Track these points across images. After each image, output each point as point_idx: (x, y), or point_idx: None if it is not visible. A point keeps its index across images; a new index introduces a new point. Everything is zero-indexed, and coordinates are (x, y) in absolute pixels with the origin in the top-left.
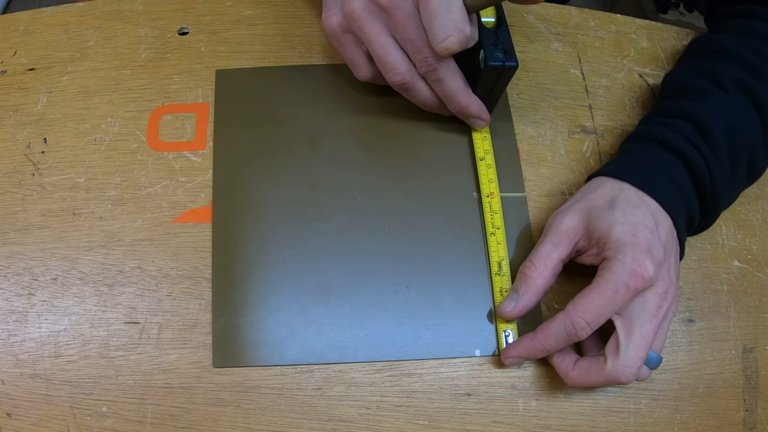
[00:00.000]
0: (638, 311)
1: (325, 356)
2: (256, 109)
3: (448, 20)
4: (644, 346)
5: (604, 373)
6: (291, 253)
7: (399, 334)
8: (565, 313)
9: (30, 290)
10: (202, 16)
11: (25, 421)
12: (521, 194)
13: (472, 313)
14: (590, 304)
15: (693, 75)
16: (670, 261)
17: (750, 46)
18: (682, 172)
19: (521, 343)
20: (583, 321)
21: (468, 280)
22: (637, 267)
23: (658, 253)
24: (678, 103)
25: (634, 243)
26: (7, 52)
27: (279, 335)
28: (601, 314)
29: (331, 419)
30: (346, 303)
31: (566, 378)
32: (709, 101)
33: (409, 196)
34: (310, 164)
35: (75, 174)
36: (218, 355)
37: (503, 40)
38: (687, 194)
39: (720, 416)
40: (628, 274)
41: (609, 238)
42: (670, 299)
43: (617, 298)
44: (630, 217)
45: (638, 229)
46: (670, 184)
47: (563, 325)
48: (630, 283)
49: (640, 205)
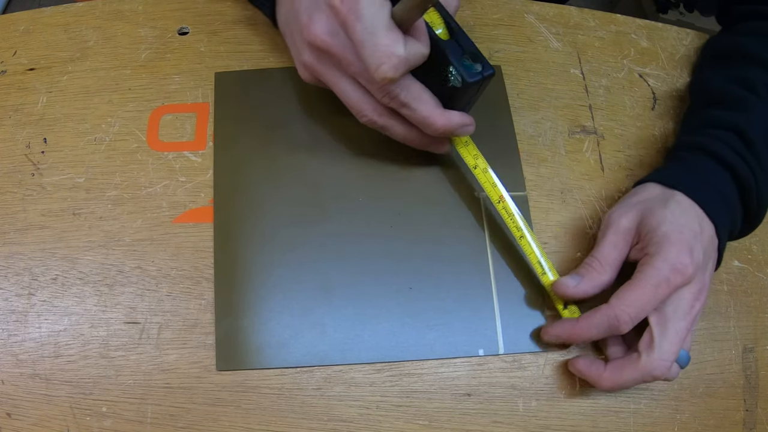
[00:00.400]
0: (673, 308)
1: (328, 358)
2: (256, 111)
3: (375, 47)
4: (678, 342)
5: (640, 368)
6: (293, 255)
7: (402, 335)
8: (609, 306)
9: (30, 290)
10: (202, 16)
11: (25, 421)
12: (522, 193)
13: (474, 312)
14: (633, 299)
15: (725, 82)
16: (707, 266)
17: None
18: (729, 184)
19: (563, 324)
20: (627, 315)
21: (470, 280)
22: (678, 263)
23: (698, 255)
24: (718, 113)
25: (678, 240)
26: (7, 52)
27: (282, 337)
28: (643, 309)
29: (331, 419)
30: (349, 304)
31: (599, 381)
32: (748, 110)
33: (410, 196)
34: (310, 166)
35: (75, 174)
36: (221, 358)
37: (467, 47)
38: (732, 205)
39: (720, 416)
40: (669, 270)
41: (656, 233)
42: (702, 300)
43: (659, 293)
44: (679, 218)
45: (684, 229)
46: (717, 195)
47: (606, 317)
48: (671, 279)
49: (689, 210)
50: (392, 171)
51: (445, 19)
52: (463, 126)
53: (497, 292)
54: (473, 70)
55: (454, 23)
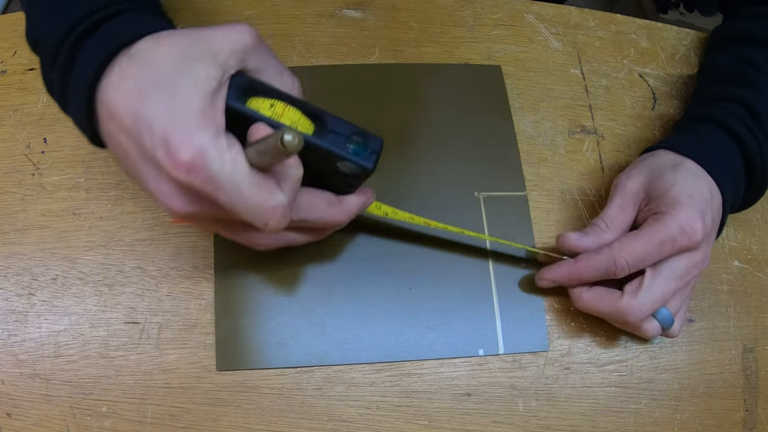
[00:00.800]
0: (671, 267)
1: (328, 358)
2: None
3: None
4: (662, 299)
5: (617, 305)
6: (292, 255)
7: (402, 335)
8: (610, 249)
9: (30, 290)
10: (202, 16)
11: (25, 421)
12: (522, 193)
13: (474, 313)
14: (635, 249)
15: (728, 61)
16: (713, 235)
17: None
18: (736, 154)
19: (560, 267)
20: (625, 262)
21: (470, 280)
22: (687, 226)
23: (708, 222)
24: (727, 89)
25: (690, 204)
26: (7, 52)
27: (282, 337)
28: (643, 260)
29: (331, 419)
30: (348, 304)
31: (578, 299)
32: (755, 87)
33: (409, 196)
34: None
35: (75, 174)
36: (221, 358)
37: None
38: (738, 176)
39: (720, 416)
40: (678, 230)
41: (667, 195)
42: (702, 268)
43: (662, 250)
44: (690, 183)
45: (695, 194)
46: (727, 165)
47: (605, 261)
48: (677, 239)
49: (700, 176)
50: (391, 170)
51: (302, 110)
52: (365, 204)
53: (497, 292)
54: (365, 153)
55: (313, 108)
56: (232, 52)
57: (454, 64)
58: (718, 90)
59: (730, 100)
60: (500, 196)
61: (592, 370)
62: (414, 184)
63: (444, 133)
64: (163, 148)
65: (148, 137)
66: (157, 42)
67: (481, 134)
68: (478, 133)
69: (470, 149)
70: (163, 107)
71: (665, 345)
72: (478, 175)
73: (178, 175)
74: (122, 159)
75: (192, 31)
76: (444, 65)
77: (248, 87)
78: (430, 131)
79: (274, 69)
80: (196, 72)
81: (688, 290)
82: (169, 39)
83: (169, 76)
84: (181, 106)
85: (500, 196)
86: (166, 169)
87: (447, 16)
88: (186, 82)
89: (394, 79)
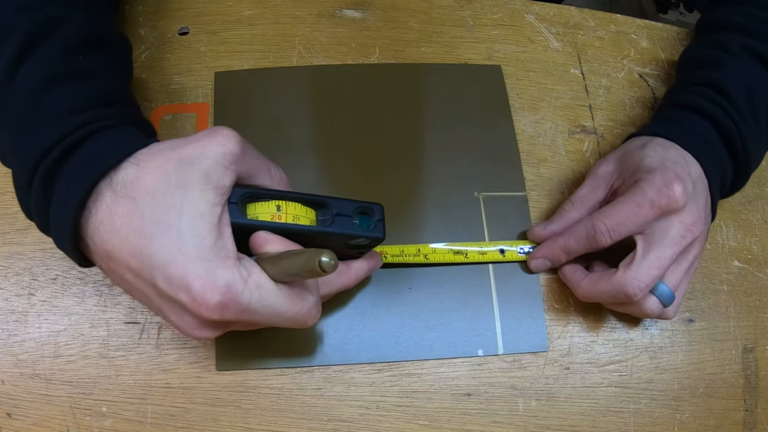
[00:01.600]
0: (661, 234)
1: (328, 358)
2: (256, 110)
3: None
4: (658, 266)
5: (613, 281)
6: None
7: (402, 335)
8: (589, 217)
9: (30, 290)
10: (202, 16)
11: (25, 421)
12: (521, 193)
13: (474, 312)
14: (613, 212)
15: (702, 47)
16: (700, 201)
17: (749, 14)
18: (710, 130)
19: (546, 245)
20: (603, 226)
21: (470, 280)
22: (664, 186)
23: (688, 184)
24: (695, 72)
25: (663, 168)
26: None
27: (281, 338)
28: (622, 223)
29: (331, 419)
30: (348, 304)
31: (577, 287)
32: (722, 66)
33: (409, 196)
34: (310, 165)
35: None
36: (221, 359)
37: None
38: (718, 153)
39: (720, 416)
40: (654, 192)
41: (639, 167)
42: (695, 233)
43: (641, 212)
44: (661, 153)
45: (668, 161)
46: (697, 137)
47: (584, 227)
48: (655, 200)
49: (670, 148)
50: (390, 170)
51: (301, 201)
52: (372, 269)
53: (497, 292)
54: (371, 224)
55: (311, 196)
56: (224, 168)
57: (454, 64)
58: (688, 75)
59: (698, 83)
60: (500, 197)
61: (592, 370)
62: (414, 184)
63: (444, 133)
64: (187, 294)
65: (165, 282)
66: (141, 171)
67: (481, 134)
68: (478, 133)
69: (470, 149)
70: (173, 249)
71: (665, 345)
72: (477, 175)
73: (209, 316)
74: (130, 292)
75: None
76: (444, 65)
77: (245, 195)
78: (429, 131)
79: (263, 168)
80: (195, 203)
81: (687, 263)
82: (152, 165)
83: (167, 213)
84: (192, 246)
85: (500, 197)
86: (193, 311)
87: (447, 16)
88: (188, 216)
89: (394, 79)
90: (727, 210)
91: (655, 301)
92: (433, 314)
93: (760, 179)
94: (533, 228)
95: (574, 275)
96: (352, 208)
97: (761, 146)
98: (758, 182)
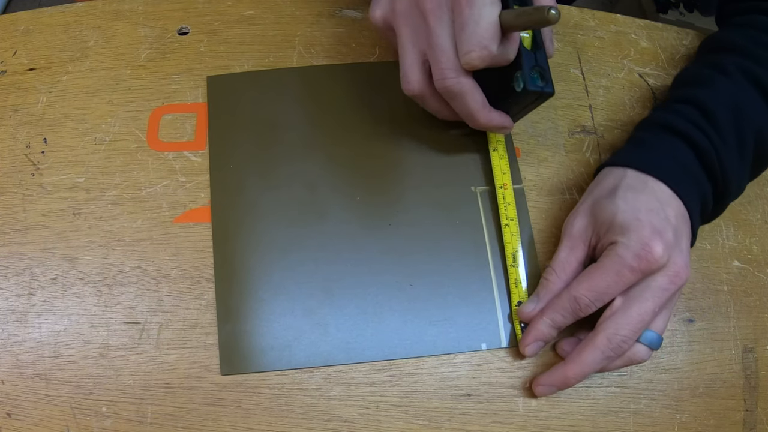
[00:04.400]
0: (641, 289)
1: (332, 358)
2: (251, 113)
3: (474, 35)
4: (639, 319)
5: (597, 343)
6: (293, 257)
7: (405, 332)
8: (569, 289)
9: (30, 290)
10: (202, 16)
11: (25, 421)
12: (519, 186)
13: (476, 307)
14: (593, 285)
15: (697, 67)
16: (683, 244)
17: (752, 37)
18: (688, 154)
19: (533, 327)
20: (586, 298)
21: (471, 275)
22: (641, 249)
23: (668, 235)
24: (681, 90)
25: (638, 226)
26: (7, 52)
27: (285, 339)
28: (605, 293)
29: (331, 419)
30: (350, 303)
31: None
32: (711, 86)
33: (408, 193)
34: (307, 166)
35: (75, 174)
36: (225, 363)
37: (541, 63)
38: (696, 177)
39: (720, 416)
40: (632, 257)
41: (613, 225)
42: (679, 282)
43: (622, 280)
44: (632, 202)
45: (641, 213)
46: (676, 165)
47: (568, 302)
48: (634, 266)
49: (643, 189)
50: (389, 169)
51: (535, 33)
52: (502, 128)
53: (497, 285)
54: (536, 83)
55: (540, 40)
56: None
57: None
58: (675, 94)
59: (681, 101)
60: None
61: None
62: (412, 181)
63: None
64: None
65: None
66: None
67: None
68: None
69: (468, 147)
70: None
71: (665, 345)
72: (474, 171)
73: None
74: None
75: None
76: None
77: None
78: (426, 129)
79: None
80: None
81: (671, 305)
82: None
83: None
84: None
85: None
86: None
87: None
88: None
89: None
90: (727, 210)
91: (645, 349)
92: (435, 310)
93: (760, 179)
94: (522, 310)
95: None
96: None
97: (743, 174)
98: (758, 182)
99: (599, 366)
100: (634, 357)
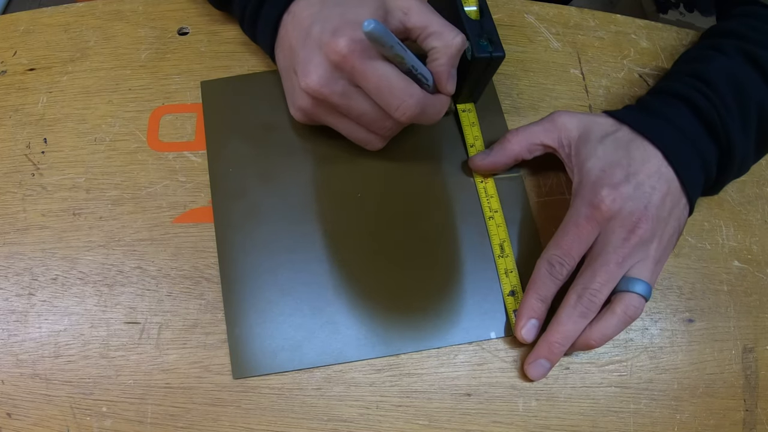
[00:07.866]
0: (603, 244)
1: (343, 355)
2: (246, 116)
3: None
4: (605, 272)
5: (568, 300)
6: (297, 257)
7: (415, 326)
8: (541, 257)
9: (30, 290)
10: (202, 16)
11: (25, 421)
12: (516, 174)
13: (483, 296)
14: (558, 241)
15: (697, 49)
16: (653, 197)
17: (752, 26)
18: (689, 116)
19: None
20: (556, 257)
21: (476, 265)
22: (593, 198)
23: (623, 186)
24: (681, 67)
25: (598, 177)
26: (7, 52)
27: (295, 339)
28: (570, 248)
29: (331, 419)
30: (358, 299)
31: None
32: (709, 61)
33: (409, 187)
34: (307, 166)
35: (75, 174)
36: (237, 366)
37: (488, 30)
38: (697, 140)
39: (720, 416)
40: (586, 206)
41: (581, 169)
42: (641, 233)
43: (581, 232)
44: (609, 155)
45: (608, 166)
46: (673, 130)
47: (543, 268)
48: (589, 215)
49: (627, 146)
50: (388, 164)
51: (480, 2)
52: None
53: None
54: (486, 49)
55: (485, 8)
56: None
57: None
58: (675, 69)
59: (681, 74)
60: (496, 179)
61: (592, 370)
62: (412, 175)
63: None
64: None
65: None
66: None
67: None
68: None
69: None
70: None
71: (665, 345)
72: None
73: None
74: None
75: None
76: None
77: None
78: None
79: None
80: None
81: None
82: None
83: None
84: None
85: (496, 179)
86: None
87: None
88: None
89: None
90: (727, 210)
91: (634, 297)
92: (443, 302)
93: (760, 179)
94: (474, 158)
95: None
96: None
97: (747, 143)
98: (758, 182)
99: (579, 325)
100: (627, 310)
